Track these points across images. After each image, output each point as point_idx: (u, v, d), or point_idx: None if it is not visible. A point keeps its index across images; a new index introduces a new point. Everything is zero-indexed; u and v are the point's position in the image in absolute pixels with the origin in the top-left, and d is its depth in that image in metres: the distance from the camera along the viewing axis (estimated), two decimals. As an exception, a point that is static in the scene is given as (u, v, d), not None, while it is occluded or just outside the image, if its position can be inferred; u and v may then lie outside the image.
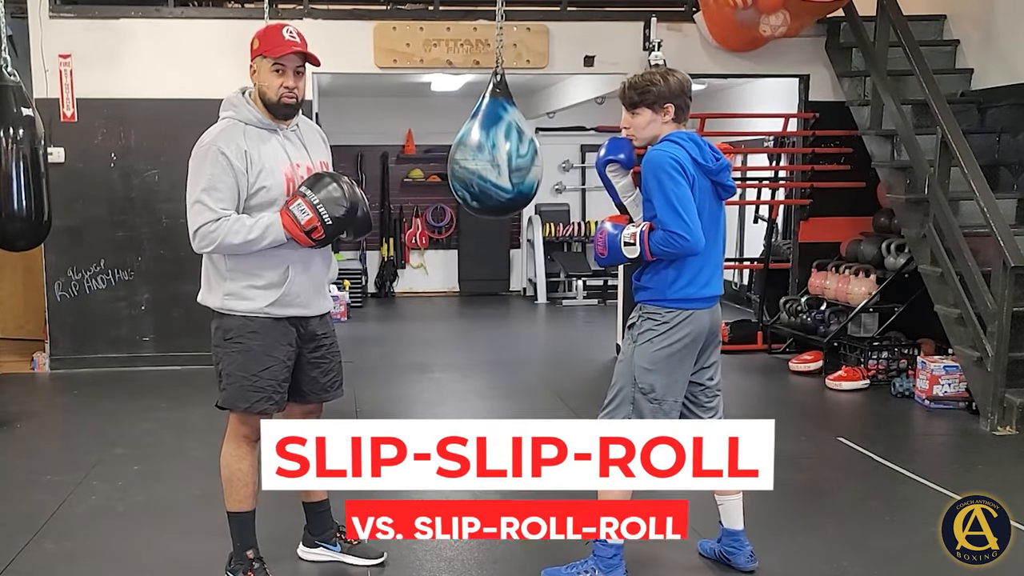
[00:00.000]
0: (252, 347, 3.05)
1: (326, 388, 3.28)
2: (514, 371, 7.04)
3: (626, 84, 3.18)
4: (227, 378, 3.09)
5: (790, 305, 7.31)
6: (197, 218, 2.96)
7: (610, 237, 3.17)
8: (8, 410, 5.70)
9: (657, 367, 3.11)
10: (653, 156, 3.07)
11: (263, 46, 3.04)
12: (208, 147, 3.00)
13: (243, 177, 2.98)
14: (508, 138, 4.73)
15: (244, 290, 3.05)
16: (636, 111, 3.14)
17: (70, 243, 6.70)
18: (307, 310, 3.14)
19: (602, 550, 3.20)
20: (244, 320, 3.06)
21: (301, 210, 2.97)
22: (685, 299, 3.11)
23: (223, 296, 3.08)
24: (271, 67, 3.02)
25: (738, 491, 3.34)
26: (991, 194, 5.49)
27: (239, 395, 3.08)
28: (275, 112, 3.07)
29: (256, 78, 3.07)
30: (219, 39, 6.69)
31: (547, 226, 10.99)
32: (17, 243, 5.44)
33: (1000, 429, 5.20)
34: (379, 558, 3.46)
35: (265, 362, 3.06)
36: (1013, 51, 6.51)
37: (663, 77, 3.13)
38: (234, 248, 2.98)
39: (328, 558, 3.46)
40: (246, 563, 3.23)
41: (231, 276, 3.05)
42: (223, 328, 3.10)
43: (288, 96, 3.04)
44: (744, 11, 6.39)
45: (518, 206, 5.10)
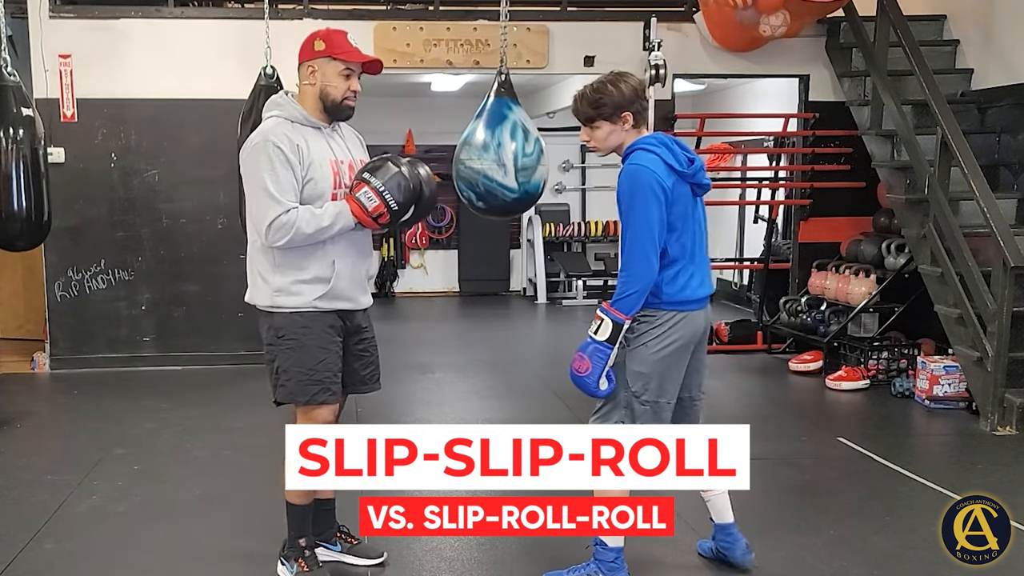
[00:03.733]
0: (305, 342, 3.12)
1: (365, 380, 3.35)
2: (514, 371, 7.04)
3: (578, 99, 3.11)
4: (284, 375, 3.16)
5: (790, 305, 7.31)
6: (267, 212, 3.00)
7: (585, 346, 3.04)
8: (8, 410, 5.70)
9: (652, 370, 3.08)
10: (632, 171, 3.02)
11: (331, 49, 3.11)
12: (263, 144, 3.04)
13: (298, 169, 3.05)
14: (514, 137, 4.71)
15: (292, 285, 3.10)
16: (594, 125, 3.10)
17: (70, 243, 6.71)
18: (352, 304, 3.21)
19: (603, 553, 3.17)
20: (294, 316, 3.12)
21: (368, 197, 3.05)
22: (680, 301, 3.09)
23: (272, 294, 3.13)
24: (341, 70, 3.11)
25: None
26: (991, 194, 5.49)
27: (298, 390, 3.14)
28: (336, 113, 3.16)
29: (316, 77, 3.12)
30: (219, 39, 6.70)
31: (547, 226, 10.99)
32: (17, 243, 5.45)
33: (1000, 429, 5.20)
34: (379, 558, 3.46)
35: (319, 355, 3.13)
36: (1013, 51, 6.51)
37: (614, 85, 3.06)
38: (307, 238, 3.03)
39: (328, 558, 3.46)
40: (298, 550, 3.28)
41: (278, 273, 3.11)
42: (275, 326, 3.16)
43: (352, 99, 3.15)
44: (744, 11, 6.39)
45: (524, 206, 5.06)
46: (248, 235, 3.20)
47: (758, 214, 8.76)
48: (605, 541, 3.16)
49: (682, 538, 3.58)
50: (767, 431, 5.18)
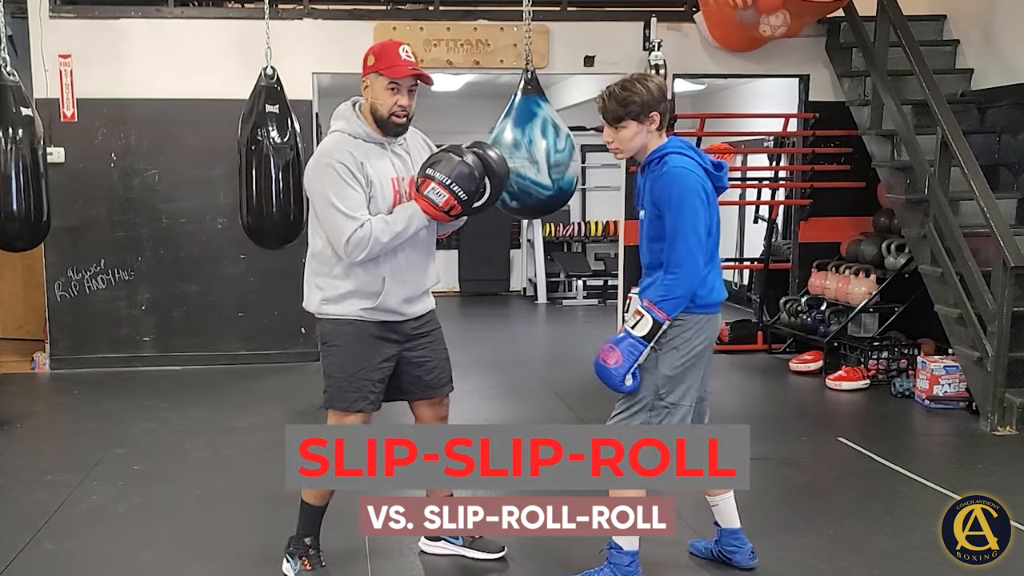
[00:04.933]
0: (347, 349, 3.16)
1: (431, 385, 3.35)
2: (514, 371, 7.04)
3: (605, 97, 3.04)
4: (328, 379, 3.21)
5: (790, 305, 7.31)
6: (343, 230, 3.02)
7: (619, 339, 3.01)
8: (8, 410, 5.70)
9: (680, 374, 3.08)
10: (680, 175, 2.98)
11: (379, 63, 3.10)
12: (328, 162, 3.06)
13: (362, 185, 3.08)
14: (544, 134, 4.65)
15: (339, 295, 3.14)
16: (621, 124, 3.05)
17: (70, 243, 6.70)
18: (400, 316, 3.22)
19: (618, 557, 3.14)
20: (339, 323, 3.16)
21: (437, 193, 3.05)
22: (709, 304, 3.10)
23: (320, 302, 3.18)
24: (387, 85, 3.08)
25: (728, 490, 3.34)
26: (991, 194, 5.48)
27: (338, 395, 3.18)
28: (385, 129, 3.14)
29: (368, 93, 3.13)
30: (219, 39, 6.70)
31: (547, 226, 10.99)
32: (16, 243, 5.45)
33: (1000, 429, 5.20)
34: (500, 552, 3.48)
35: (359, 363, 3.16)
36: (1013, 51, 6.51)
37: (643, 85, 3.02)
38: (385, 247, 3.06)
39: (450, 551, 3.50)
40: (303, 548, 3.30)
41: (328, 282, 3.16)
42: (321, 332, 3.23)
43: (400, 115, 3.12)
44: (744, 11, 6.39)
45: (557, 204, 4.91)
46: (310, 243, 3.22)
47: (758, 214, 8.75)
48: (620, 544, 3.12)
49: (682, 538, 3.58)
50: (767, 431, 5.18)
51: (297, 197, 5.59)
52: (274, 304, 6.92)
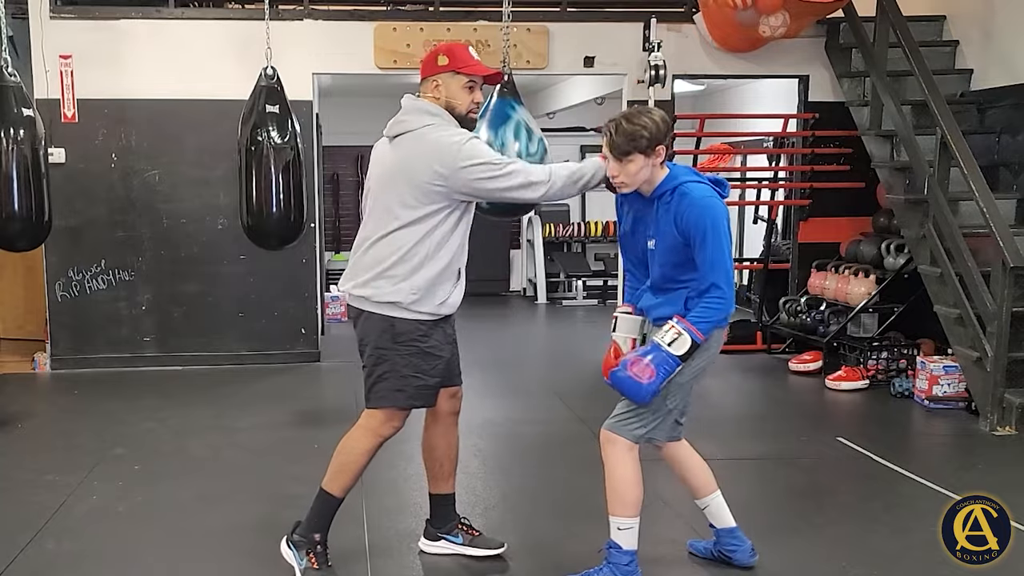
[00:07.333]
0: (424, 348, 3.22)
1: (454, 374, 3.49)
2: (514, 371, 7.04)
3: (613, 131, 3.01)
4: (400, 379, 3.21)
5: (790, 305, 7.31)
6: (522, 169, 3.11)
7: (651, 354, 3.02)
8: (8, 410, 5.70)
9: (689, 384, 3.16)
10: (710, 205, 3.00)
11: (455, 63, 3.19)
12: (463, 135, 3.13)
13: None
14: (517, 137, 4.70)
15: (417, 295, 3.17)
16: (628, 159, 3.03)
17: (71, 243, 6.71)
18: (455, 309, 3.34)
19: (617, 557, 3.14)
20: (418, 323, 3.20)
21: None
22: (722, 320, 3.11)
23: (401, 298, 3.17)
24: (465, 83, 3.19)
25: (713, 490, 3.36)
26: (991, 194, 5.49)
27: (415, 394, 3.25)
28: (463, 125, 3.23)
29: (440, 92, 3.20)
30: (219, 40, 6.70)
31: (547, 226, 10.99)
32: (17, 244, 5.45)
33: (1000, 429, 5.20)
34: (499, 548, 3.50)
35: (433, 361, 3.26)
36: (1013, 51, 6.51)
37: (649, 118, 3.01)
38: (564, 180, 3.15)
39: (451, 551, 3.50)
40: (311, 544, 3.31)
41: (408, 284, 3.16)
42: (395, 330, 3.20)
43: (475, 111, 3.26)
44: (744, 12, 6.39)
45: (528, 206, 5.04)
46: (388, 239, 3.15)
47: (758, 214, 8.76)
48: (619, 544, 3.13)
49: (682, 538, 3.58)
50: (767, 431, 5.18)
51: (297, 197, 5.59)
52: (274, 304, 6.93)
